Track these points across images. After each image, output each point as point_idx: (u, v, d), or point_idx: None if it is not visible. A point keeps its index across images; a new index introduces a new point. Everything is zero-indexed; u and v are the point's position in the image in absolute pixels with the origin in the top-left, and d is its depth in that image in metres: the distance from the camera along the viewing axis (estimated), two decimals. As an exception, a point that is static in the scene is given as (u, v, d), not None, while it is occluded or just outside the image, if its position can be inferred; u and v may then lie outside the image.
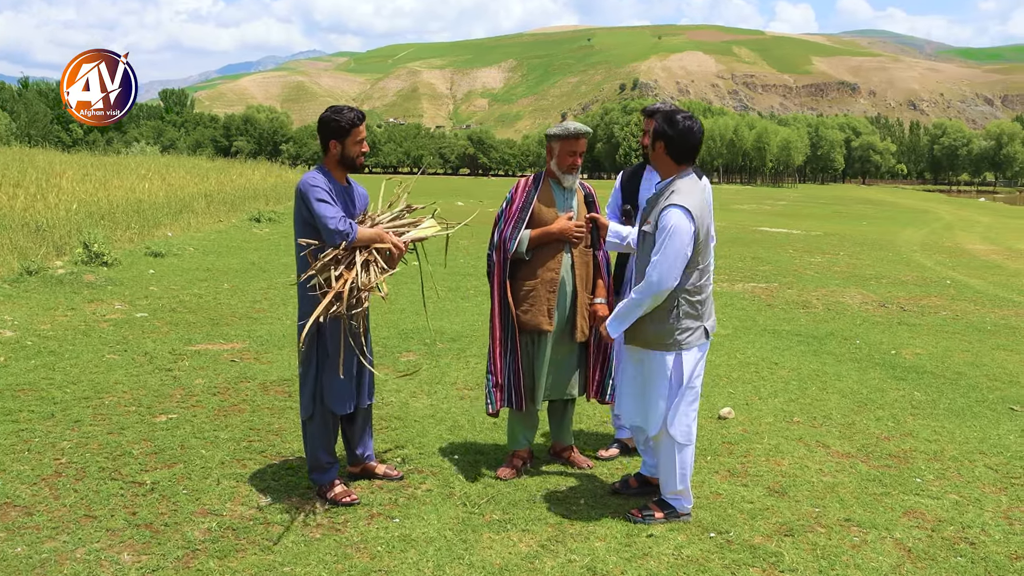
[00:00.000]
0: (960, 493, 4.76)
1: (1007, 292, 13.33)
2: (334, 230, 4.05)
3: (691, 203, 4.00)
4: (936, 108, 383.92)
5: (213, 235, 17.01)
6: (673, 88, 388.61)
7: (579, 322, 4.80)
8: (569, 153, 4.70)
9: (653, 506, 4.29)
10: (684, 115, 4.14)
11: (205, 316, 8.97)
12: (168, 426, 5.36)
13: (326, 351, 4.27)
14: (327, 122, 4.26)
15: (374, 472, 4.66)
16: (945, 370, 7.73)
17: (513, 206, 4.78)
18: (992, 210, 53.65)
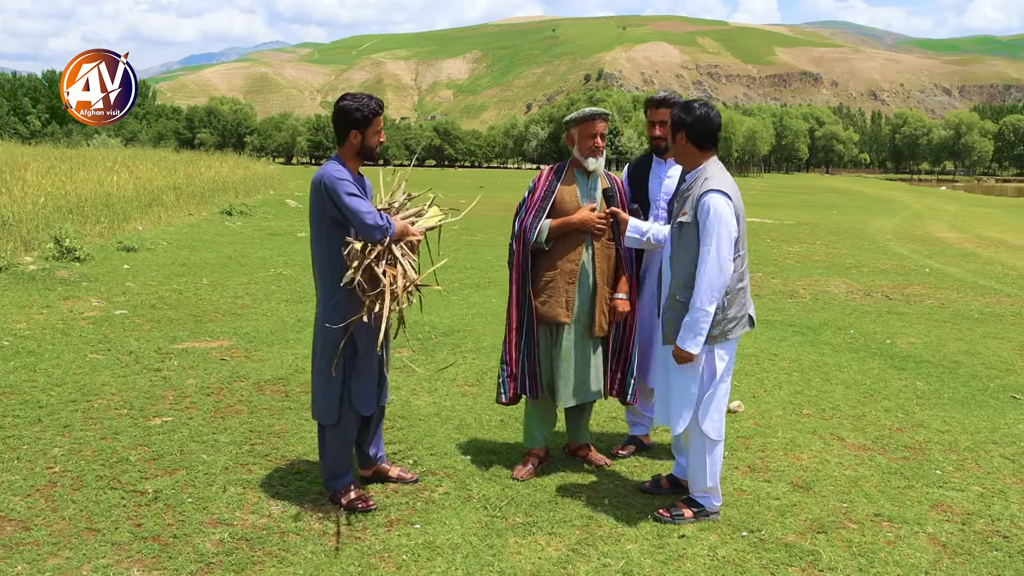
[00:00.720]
0: (983, 485, 4.69)
1: (986, 280, 13.41)
2: (373, 225, 3.84)
3: (727, 186, 3.92)
4: (896, 98, 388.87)
5: (185, 229, 16.65)
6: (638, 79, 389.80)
7: (598, 317, 4.64)
8: (589, 136, 4.57)
9: (681, 505, 4.16)
10: (699, 103, 4.09)
11: (187, 312, 8.69)
12: (164, 430, 5.12)
13: (355, 352, 4.08)
14: (349, 112, 4.03)
15: (387, 475, 4.48)
16: (942, 359, 7.69)
17: (535, 195, 4.66)
18: (955, 199, 54.27)
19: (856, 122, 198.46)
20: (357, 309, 3.97)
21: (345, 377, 4.08)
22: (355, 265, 3.89)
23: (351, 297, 3.98)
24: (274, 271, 11.78)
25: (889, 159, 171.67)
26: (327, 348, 4.04)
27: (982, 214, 35.73)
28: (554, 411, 4.82)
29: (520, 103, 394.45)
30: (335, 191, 3.88)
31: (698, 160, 4.06)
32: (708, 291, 3.84)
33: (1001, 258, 17.01)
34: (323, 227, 3.99)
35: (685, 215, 3.97)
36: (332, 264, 4.00)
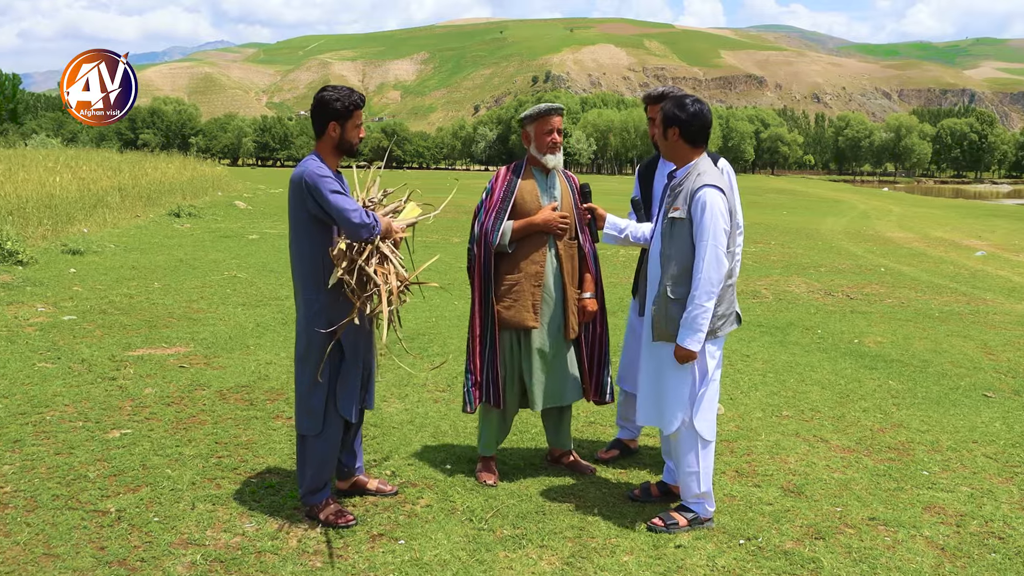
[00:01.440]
0: (970, 485, 4.63)
1: (940, 279, 13.57)
2: (360, 224, 3.65)
3: (720, 182, 3.84)
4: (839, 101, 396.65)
5: (132, 231, 16.15)
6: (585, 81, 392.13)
7: (569, 319, 4.50)
8: (546, 132, 4.44)
9: (675, 513, 4.01)
10: (692, 98, 3.99)
11: (140, 318, 8.34)
12: (124, 443, 4.83)
13: (342, 356, 3.87)
14: (327, 102, 3.83)
15: (365, 487, 4.26)
16: (911, 358, 7.69)
17: (494, 196, 4.49)
18: (898, 199, 55.34)
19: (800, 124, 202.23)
20: (344, 311, 3.78)
21: (331, 383, 3.87)
22: (343, 266, 3.69)
23: (338, 299, 3.78)
24: (228, 274, 11.43)
25: (833, 161, 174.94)
26: (312, 353, 3.82)
27: (926, 214, 36.45)
28: (511, 420, 4.65)
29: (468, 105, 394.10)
30: (317, 189, 3.68)
31: (689, 156, 3.98)
32: (707, 287, 3.75)
33: (951, 257, 17.28)
34: (304, 227, 3.78)
35: (677, 210, 3.86)
36: (315, 265, 3.79)
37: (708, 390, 3.96)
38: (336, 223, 3.70)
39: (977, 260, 16.91)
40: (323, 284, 3.75)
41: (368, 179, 4.18)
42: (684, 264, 3.82)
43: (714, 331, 3.89)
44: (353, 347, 3.88)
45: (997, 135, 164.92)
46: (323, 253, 3.76)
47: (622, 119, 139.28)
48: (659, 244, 3.99)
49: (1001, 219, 33.41)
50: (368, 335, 4.01)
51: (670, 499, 4.29)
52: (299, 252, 3.82)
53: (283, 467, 4.56)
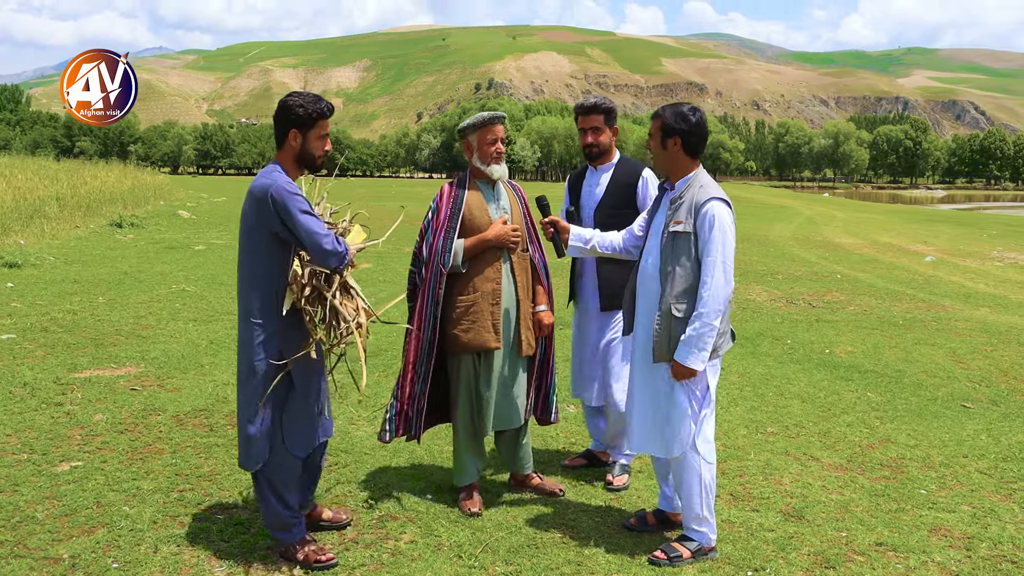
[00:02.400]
0: (971, 504, 4.49)
1: (896, 285, 13.63)
2: (331, 251, 3.35)
3: (724, 195, 3.67)
4: (778, 108, 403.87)
5: (73, 242, 15.50)
6: (528, 88, 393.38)
7: (524, 335, 4.28)
8: (489, 142, 4.22)
9: (677, 544, 3.78)
10: (689, 107, 3.83)
11: (85, 336, 7.88)
12: (75, 477, 4.44)
13: (291, 387, 3.55)
14: (290, 108, 3.50)
15: (320, 518, 3.93)
16: (884, 368, 7.60)
17: (440, 215, 4.24)
18: (840, 205, 56.27)
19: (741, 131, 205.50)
20: (297, 340, 3.47)
21: (275, 415, 3.53)
22: (306, 294, 3.38)
23: (290, 327, 3.46)
24: (176, 287, 10.95)
25: (773, 167, 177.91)
26: (254, 381, 3.48)
27: (869, 219, 37.05)
28: (483, 444, 4.41)
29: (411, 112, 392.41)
30: (286, 208, 3.35)
31: (688, 168, 3.81)
32: (715, 304, 3.57)
33: (902, 263, 17.44)
34: (263, 246, 3.44)
35: (680, 224, 3.67)
36: (270, 288, 3.46)
37: (710, 410, 3.78)
38: (303, 247, 3.39)
39: (928, 265, 17.09)
40: (275, 311, 3.43)
41: (315, 194, 3.86)
42: (690, 280, 3.63)
43: (716, 349, 3.70)
44: (305, 378, 3.56)
45: (930, 142, 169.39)
46: (280, 276, 3.44)
47: (566, 126, 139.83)
48: (657, 259, 3.78)
49: (942, 224, 34.07)
50: (321, 364, 3.69)
51: (667, 527, 4.07)
52: (253, 273, 3.48)
53: (253, 501, 4.23)
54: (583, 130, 4.62)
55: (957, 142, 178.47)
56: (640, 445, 3.88)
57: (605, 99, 4.67)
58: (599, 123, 4.59)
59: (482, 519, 4.13)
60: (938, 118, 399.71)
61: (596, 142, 4.59)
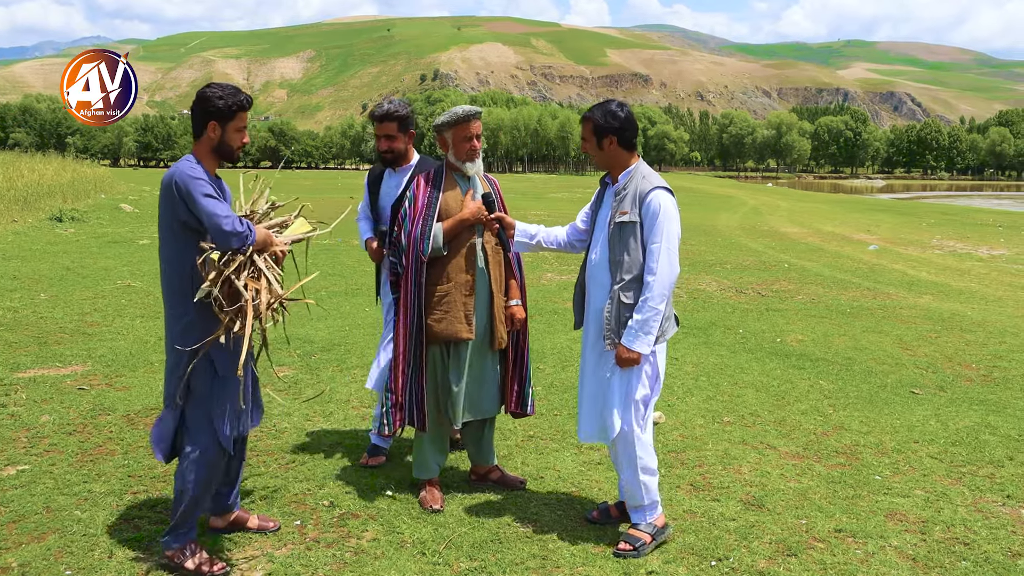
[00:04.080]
0: (923, 488, 4.58)
1: (843, 274, 13.88)
2: (231, 231, 3.29)
3: (666, 184, 3.78)
4: (722, 99, 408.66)
5: (10, 237, 15.04)
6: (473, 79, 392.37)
7: (498, 328, 4.27)
8: (465, 139, 4.22)
9: (635, 532, 3.82)
10: (616, 103, 3.91)
11: (28, 334, 7.65)
12: (22, 481, 4.30)
13: (214, 376, 3.48)
14: (208, 100, 3.46)
15: (246, 525, 3.83)
16: (834, 356, 7.73)
17: (418, 204, 4.25)
18: (783, 195, 57.21)
19: (686, 122, 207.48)
20: (214, 327, 3.42)
21: (201, 407, 3.48)
22: (212, 277, 3.33)
23: (208, 314, 3.42)
24: (121, 283, 10.70)
25: (718, 157, 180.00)
26: (176, 374, 3.44)
27: (812, 209, 37.72)
28: (447, 438, 4.39)
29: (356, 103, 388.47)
30: (189, 192, 3.32)
31: (628, 161, 3.89)
32: (661, 289, 3.66)
33: (846, 252, 17.78)
34: (175, 234, 3.42)
35: (626, 214, 3.75)
36: (183, 276, 3.42)
37: (654, 395, 3.86)
38: (207, 229, 3.34)
39: (871, 254, 17.46)
40: (192, 297, 3.38)
41: (255, 189, 3.80)
42: (638, 268, 3.72)
43: (663, 333, 3.78)
44: (228, 368, 3.50)
45: (870, 132, 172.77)
46: (194, 263, 3.40)
47: (512, 117, 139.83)
48: (605, 250, 3.84)
49: (883, 213, 34.82)
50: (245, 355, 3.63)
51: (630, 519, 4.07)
52: (168, 261, 3.45)
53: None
54: (379, 137, 4.71)
55: (895, 133, 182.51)
56: (588, 435, 3.91)
57: (401, 105, 4.74)
58: (392, 131, 4.67)
59: (444, 515, 4.10)
60: (877, 109, 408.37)
61: (391, 148, 4.69)
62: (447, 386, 4.22)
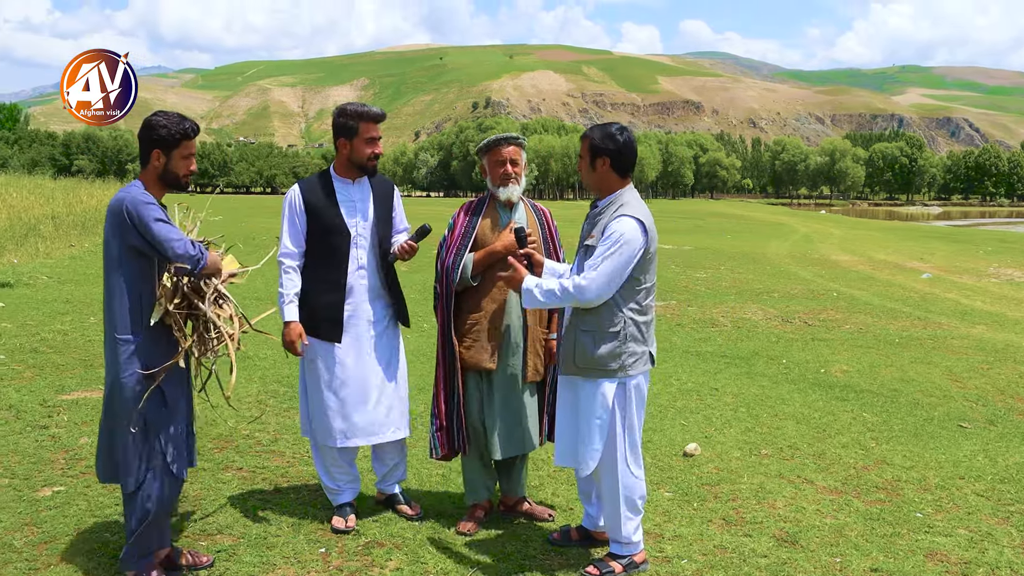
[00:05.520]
0: (967, 527, 4.42)
1: (893, 303, 13.58)
2: (184, 253, 3.34)
3: (643, 214, 3.70)
4: (774, 126, 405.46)
5: (66, 261, 15.43)
6: (525, 107, 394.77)
7: (531, 360, 4.23)
8: (498, 164, 4.23)
9: (609, 561, 3.80)
10: (617, 127, 3.86)
11: (75, 357, 7.81)
12: (56, 503, 4.37)
13: (164, 404, 3.47)
14: (153, 127, 3.48)
15: (179, 562, 3.72)
16: (880, 387, 7.54)
17: (455, 232, 4.29)
18: (836, 222, 56.35)
19: (737, 149, 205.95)
20: (164, 353, 3.42)
21: (150, 435, 3.46)
22: (175, 302, 3.36)
23: (158, 339, 3.42)
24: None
25: (770, 184, 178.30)
26: (120, 401, 3.42)
27: (866, 236, 37.10)
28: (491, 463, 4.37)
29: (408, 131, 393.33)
30: (140, 217, 3.34)
31: (616, 187, 3.83)
32: (576, 293, 3.60)
33: (898, 280, 17.41)
34: (121, 259, 3.41)
35: (593, 238, 3.74)
36: (132, 303, 3.42)
37: (630, 431, 3.76)
38: (160, 254, 3.37)
39: (924, 283, 17.07)
40: (141, 324, 3.40)
41: (188, 221, 3.85)
42: None
43: (624, 368, 3.69)
44: (176, 394, 3.51)
45: (926, 158, 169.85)
46: (142, 289, 3.41)
47: (563, 144, 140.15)
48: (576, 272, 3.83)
49: (938, 241, 34.10)
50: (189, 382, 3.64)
51: (591, 544, 4.09)
52: (113, 288, 3.44)
53: (236, 526, 4.16)
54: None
55: (952, 159, 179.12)
56: (561, 458, 3.89)
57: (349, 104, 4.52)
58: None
59: (469, 545, 4.06)
60: (933, 135, 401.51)
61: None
62: (481, 416, 4.21)
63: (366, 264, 4.28)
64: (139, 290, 3.42)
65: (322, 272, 4.21)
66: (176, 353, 3.43)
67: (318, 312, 4.19)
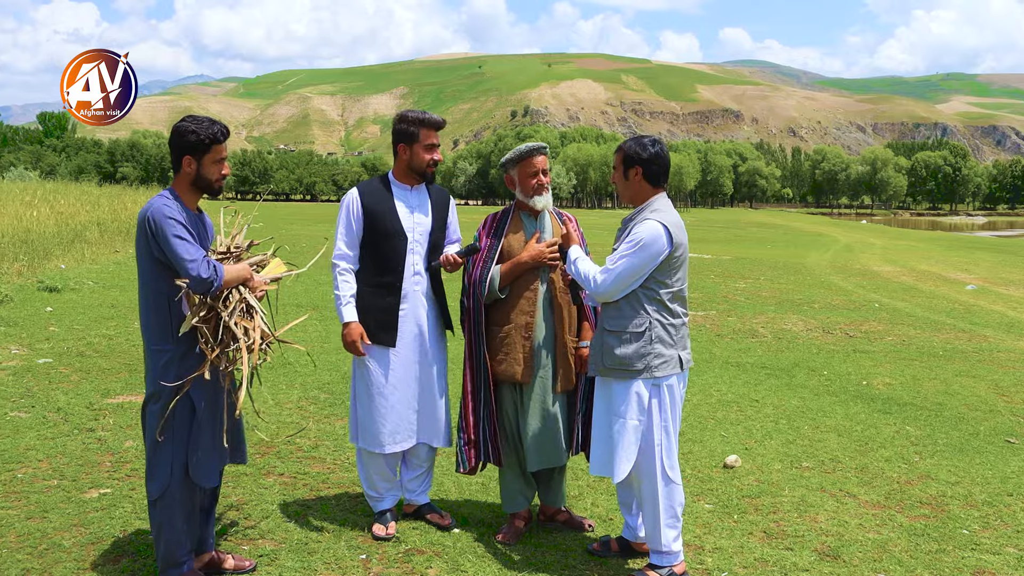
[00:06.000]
0: (1016, 545, 4.34)
1: (937, 315, 13.37)
2: (197, 277, 3.31)
3: (670, 220, 3.74)
4: (814, 135, 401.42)
5: (111, 267, 15.72)
6: (564, 115, 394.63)
7: (561, 370, 4.22)
8: (530, 175, 4.23)
9: (649, 571, 3.79)
10: (649, 138, 3.92)
11: (120, 361, 7.95)
12: (103, 504, 4.45)
13: (193, 413, 3.50)
14: (182, 133, 3.48)
15: (222, 566, 3.78)
16: (924, 401, 7.43)
17: (481, 244, 4.28)
18: (878, 232, 55.66)
19: (777, 158, 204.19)
20: (197, 363, 3.44)
21: (177, 443, 3.48)
22: (201, 314, 3.38)
23: (191, 350, 3.44)
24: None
25: (810, 194, 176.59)
26: (157, 408, 3.45)
27: (908, 247, 36.55)
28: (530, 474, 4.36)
29: (447, 139, 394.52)
30: (162, 231, 3.35)
31: (648, 195, 3.88)
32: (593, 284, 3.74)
33: (942, 292, 17.14)
34: (151, 270, 3.44)
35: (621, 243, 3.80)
36: (163, 313, 3.44)
37: (667, 438, 3.75)
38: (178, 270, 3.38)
39: (969, 294, 16.79)
40: (173, 333, 3.42)
41: (235, 226, 3.87)
42: (626, 299, 3.74)
43: (649, 369, 3.70)
44: (208, 405, 3.53)
45: (970, 167, 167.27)
46: (172, 299, 3.42)
47: (601, 153, 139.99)
48: None
49: (983, 251, 33.50)
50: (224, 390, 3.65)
51: (630, 555, 4.07)
52: (146, 297, 3.48)
53: (278, 531, 4.21)
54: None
55: (998, 168, 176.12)
56: (597, 466, 3.89)
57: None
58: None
59: (510, 555, 4.06)
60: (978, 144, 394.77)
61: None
62: (515, 427, 4.23)
63: (421, 270, 4.29)
64: (169, 301, 3.43)
65: (378, 276, 4.20)
66: (203, 363, 3.44)
67: (372, 316, 4.18)
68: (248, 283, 3.51)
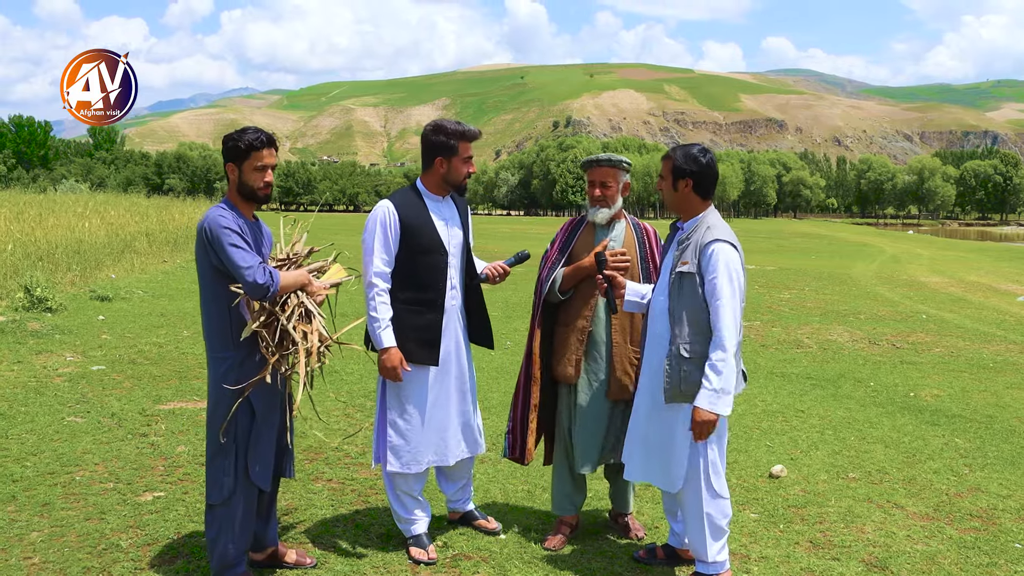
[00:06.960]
0: (1069, 561, 4.26)
1: (986, 326, 13.14)
2: (253, 283, 3.38)
3: (733, 238, 3.71)
4: (860, 144, 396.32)
5: (160, 276, 16.04)
6: (606, 125, 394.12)
7: (618, 377, 4.23)
8: (590, 185, 4.29)
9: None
10: (700, 149, 3.85)
11: (170, 368, 8.12)
12: (157, 507, 4.57)
13: (253, 417, 3.58)
14: (225, 142, 3.59)
15: (283, 560, 3.89)
16: (973, 413, 7.32)
17: (554, 247, 4.40)
18: (926, 242, 54.77)
19: (822, 167, 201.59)
20: (257, 369, 3.52)
21: (238, 447, 3.56)
22: (261, 319, 3.45)
23: (251, 355, 3.52)
24: (258, 322, 11.21)
25: (855, 204, 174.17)
26: (220, 414, 3.54)
27: (956, 258, 35.92)
28: (584, 478, 4.40)
29: (489, 149, 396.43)
30: (218, 240, 3.44)
31: (699, 208, 3.85)
32: (731, 347, 3.59)
33: (992, 303, 16.83)
34: (210, 278, 3.54)
35: (686, 264, 3.71)
36: (224, 319, 3.54)
37: (719, 447, 3.76)
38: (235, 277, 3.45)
39: (1020, 305, 16.46)
40: (233, 340, 3.50)
41: (294, 234, 3.93)
42: (696, 321, 3.66)
43: None
44: (266, 408, 3.60)
45: (1022, 176, 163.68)
46: (231, 306, 3.50)
47: (643, 164, 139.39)
48: (665, 300, 3.80)
49: (1035, 263, 32.80)
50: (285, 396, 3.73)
51: (676, 562, 4.07)
52: (207, 306, 3.59)
53: (327, 537, 4.28)
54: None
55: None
56: (642, 473, 3.88)
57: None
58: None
59: (556, 561, 4.09)
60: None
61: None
62: (567, 428, 4.28)
63: (457, 284, 4.22)
64: (228, 308, 3.52)
65: (418, 293, 4.05)
66: (264, 368, 3.52)
67: (411, 334, 4.01)
68: (306, 288, 3.58)
